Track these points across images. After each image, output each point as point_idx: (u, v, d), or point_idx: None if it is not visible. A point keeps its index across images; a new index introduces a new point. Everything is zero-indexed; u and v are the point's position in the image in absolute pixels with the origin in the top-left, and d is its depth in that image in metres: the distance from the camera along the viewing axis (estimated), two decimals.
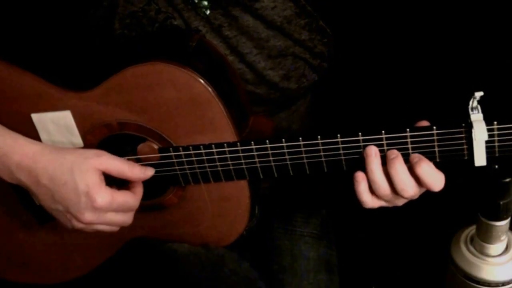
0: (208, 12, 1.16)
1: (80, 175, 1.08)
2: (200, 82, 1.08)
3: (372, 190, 1.08)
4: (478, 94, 1.01)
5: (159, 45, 1.18)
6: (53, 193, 1.09)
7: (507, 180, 1.10)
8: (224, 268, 1.24)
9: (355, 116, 1.49)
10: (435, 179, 1.06)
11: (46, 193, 1.10)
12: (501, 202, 1.12)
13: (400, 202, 1.11)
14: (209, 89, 1.09)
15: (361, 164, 1.08)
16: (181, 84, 1.09)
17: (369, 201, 1.09)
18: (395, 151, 1.07)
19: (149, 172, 1.15)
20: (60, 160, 1.09)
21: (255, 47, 1.21)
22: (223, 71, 1.18)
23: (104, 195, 1.09)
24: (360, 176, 1.08)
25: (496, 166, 1.08)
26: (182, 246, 1.24)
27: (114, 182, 1.14)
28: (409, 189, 1.06)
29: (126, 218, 1.14)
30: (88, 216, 1.09)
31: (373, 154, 1.07)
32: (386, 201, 1.10)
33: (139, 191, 1.15)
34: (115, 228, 1.15)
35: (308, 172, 1.11)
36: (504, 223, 1.15)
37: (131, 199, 1.13)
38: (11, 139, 1.11)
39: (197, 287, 1.21)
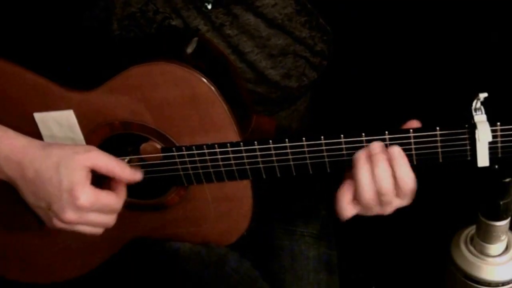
0: (210, 6, 1.16)
1: (65, 172, 1.05)
2: (203, 82, 1.08)
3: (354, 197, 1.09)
4: (482, 95, 1.01)
5: (161, 45, 1.18)
6: (37, 188, 1.07)
7: (507, 180, 1.11)
8: (225, 267, 1.24)
9: (354, 115, 1.49)
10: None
11: (30, 188, 1.07)
12: (501, 202, 1.13)
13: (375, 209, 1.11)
14: (212, 88, 1.08)
15: None
16: (184, 84, 1.09)
17: (348, 210, 1.11)
18: (377, 144, 1.07)
19: (138, 175, 1.11)
20: (47, 155, 1.06)
21: (256, 46, 1.21)
22: (225, 70, 1.18)
23: (88, 194, 1.05)
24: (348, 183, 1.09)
25: (496, 166, 1.09)
26: (184, 245, 1.24)
27: (97, 181, 1.10)
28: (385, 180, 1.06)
29: (108, 219, 1.11)
30: (70, 215, 1.06)
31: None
32: (366, 202, 1.09)
33: (122, 193, 1.12)
34: (98, 230, 1.12)
35: (311, 172, 1.11)
36: (504, 223, 1.16)
37: (115, 200, 1.10)
38: (0, 131, 1.09)
39: (199, 286, 1.21)
